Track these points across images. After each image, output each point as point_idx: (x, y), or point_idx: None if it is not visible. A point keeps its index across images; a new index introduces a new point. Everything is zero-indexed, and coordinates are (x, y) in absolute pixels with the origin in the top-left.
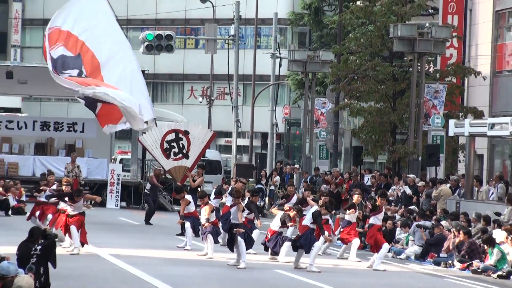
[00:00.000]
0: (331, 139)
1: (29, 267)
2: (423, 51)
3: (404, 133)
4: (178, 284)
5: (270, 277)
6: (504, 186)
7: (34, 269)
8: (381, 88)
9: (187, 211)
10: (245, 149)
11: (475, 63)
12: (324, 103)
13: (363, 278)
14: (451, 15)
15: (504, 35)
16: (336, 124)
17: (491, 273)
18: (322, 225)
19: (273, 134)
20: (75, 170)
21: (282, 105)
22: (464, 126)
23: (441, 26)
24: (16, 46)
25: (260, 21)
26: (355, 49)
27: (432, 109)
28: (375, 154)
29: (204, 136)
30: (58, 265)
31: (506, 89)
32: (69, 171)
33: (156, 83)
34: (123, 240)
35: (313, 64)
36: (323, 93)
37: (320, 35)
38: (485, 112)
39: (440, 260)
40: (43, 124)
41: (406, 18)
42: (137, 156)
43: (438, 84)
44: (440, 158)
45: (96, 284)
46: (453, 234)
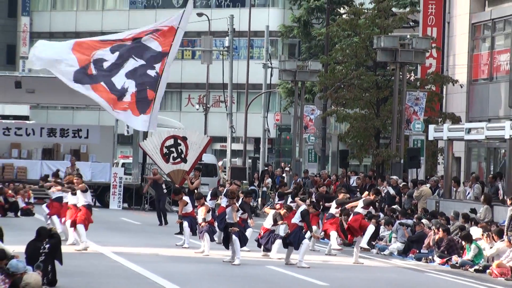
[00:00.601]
0: (319, 143)
1: (37, 265)
2: (405, 61)
3: (387, 137)
4: (177, 279)
5: (263, 272)
6: (480, 187)
7: (42, 266)
8: (366, 95)
9: (185, 212)
10: (239, 153)
11: (452, 72)
12: (312, 110)
13: (350, 273)
14: (431, 28)
15: (480, 46)
16: (323, 130)
17: (469, 268)
18: (310, 223)
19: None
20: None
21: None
22: (443, 131)
23: (421, 37)
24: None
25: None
26: (341, 59)
27: (413, 115)
28: (360, 157)
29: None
30: (64, 262)
31: (482, 96)
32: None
33: None
34: (125, 239)
35: (302, 74)
36: (311, 100)
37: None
38: (462, 118)
39: (421, 256)
40: (50, 130)
41: (388, 31)
42: (138, 160)
43: (418, 92)
44: (421, 161)
45: (100, 280)
46: (433, 232)
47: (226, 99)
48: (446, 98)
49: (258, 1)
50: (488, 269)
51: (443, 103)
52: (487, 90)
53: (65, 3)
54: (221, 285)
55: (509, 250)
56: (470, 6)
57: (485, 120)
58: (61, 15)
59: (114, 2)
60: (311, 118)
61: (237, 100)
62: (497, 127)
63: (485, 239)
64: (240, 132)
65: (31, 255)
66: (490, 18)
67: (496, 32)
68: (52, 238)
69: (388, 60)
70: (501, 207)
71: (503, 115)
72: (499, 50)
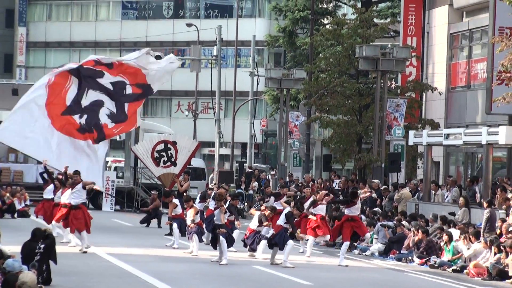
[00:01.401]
0: (304, 148)
1: (32, 264)
2: (386, 69)
3: (369, 142)
4: (167, 279)
5: (250, 272)
6: (458, 190)
7: (37, 266)
8: (348, 102)
9: (174, 213)
10: (227, 157)
11: (432, 80)
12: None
13: (334, 273)
14: (411, 37)
15: (458, 55)
16: (308, 135)
17: (447, 268)
18: (294, 224)
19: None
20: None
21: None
22: (422, 136)
23: (402, 47)
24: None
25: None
26: (325, 67)
27: (394, 121)
28: (343, 161)
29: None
30: (58, 262)
31: (460, 103)
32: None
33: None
34: (117, 239)
35: (287, 81)
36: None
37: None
38: (441, 124)
39: (401, 256)
40: None
41: (370, 40)
42: (130, 164)
43: (399, 99)
44: (401, 165)
45: (93, 279)
46: (413, 233)
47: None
48: (425, 105)
49: (245, 12)
50: (465, 269)
51: (423, 109)
52: (465, 97)
53: (60, 14)
54: (209, 284)
55: (485, 251)
56: (448, 17)
57: (463, 126)
58: (56, 26)
59: (107, 13)
60: (296, 124)
61: (225, 107)
62: (474, 133)
63: (462, 240)
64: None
65: (26, 255)
66: (468, 28)
67: (473, 42)
68: (47, 238)
69: (370, 68)
70: (478, 210)
71: (480, 121)
72: (476, 59)
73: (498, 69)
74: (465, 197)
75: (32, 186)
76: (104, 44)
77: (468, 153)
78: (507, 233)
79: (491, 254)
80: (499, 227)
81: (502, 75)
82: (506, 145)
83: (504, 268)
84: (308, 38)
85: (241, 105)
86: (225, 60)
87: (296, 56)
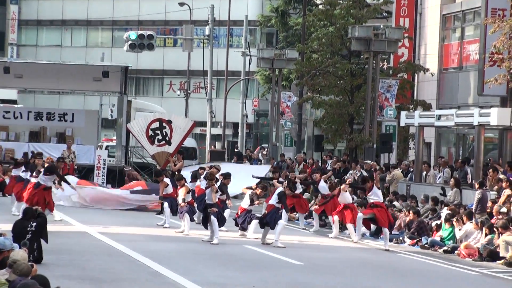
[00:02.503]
0: (295, 128)
1: (23, 242)
2: (378, 50)
3: (361, 123)
4: (158, 258)
5: (241, 252)
6: (449, 171)
7: (28, 244)
8: (340, 83)
9: (165, 193)
10: (218, 137)
11: (424, 61)
12: (289, 96)
13: (325, 253)
14: (403, 18)
15: (450, 36)
16: (300, 115)
17: (438, 249)
18: (286, 204)
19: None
20: (71, 156)
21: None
22: (414, 117)
23: (394, 28)
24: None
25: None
26: (317, 48)
27: (385, 101)
28: (335, 142)
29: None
30: (50, 241)
31: (451, 84)
32: (65, 156)
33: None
34: (108, 218)
35: (279, 61)
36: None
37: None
38: (433, 105)
39: (392, 237)
40: (37, 114)
41: (363, 21)
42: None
43: (391, 80)
44: (393, 146)
45: (84, 258)
46: (404, 214)
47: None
48: (417, 86)
49: None
50: (456, 250)
51: (415, 90)
52: (457, 79)
53: None
54: (200, 263)
55: (476, 232)
56: None
57: (454, 107)
58: (48, 4)
59: None
60: (288, 104)
61: (216, 87)
62: (466, 114)
63: (454, 221)
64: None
65: (17, 233)
66: (460, 10)
67: (466, 23)
68: (38, 217)
69: (362, 49)
70: (469, 191)
71: (472, 102)
72: (468, 40)
73: (490, 51)
74: (456, 178)
75: None
76: (96, 22)
77: (460, 134)
78: (497, 214)
79: (482, 235)
80: (489, 208)
81: (494, 57)
82: (497, 126)
83: (495, 249)
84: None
85: (233, 85)
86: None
87: (289, 36)
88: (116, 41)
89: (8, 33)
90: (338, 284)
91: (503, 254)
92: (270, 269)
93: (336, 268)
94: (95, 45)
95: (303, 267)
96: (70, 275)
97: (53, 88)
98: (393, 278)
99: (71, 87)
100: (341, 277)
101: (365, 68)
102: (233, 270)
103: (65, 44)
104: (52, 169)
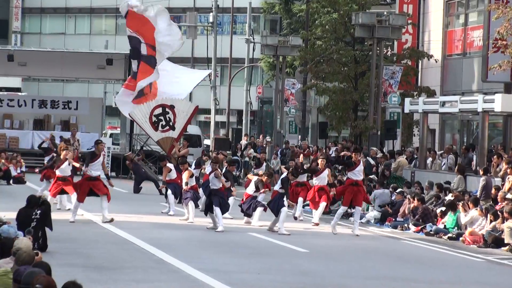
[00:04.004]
0: (300, 115)
1: (28, 230)
2: (382, 37)
3: (365, 110)
4: (162, 245)
5: (245, 239)
6: (454, 157)
7: (32, 232)
8: (344, 70)
9: (169, 178)
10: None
11: (427, 47)
12: (293, 83)
13: (330, 240)
14: (407, 5)
15: (454, 23)
16: (304, 102)
17: (442, 235)
18: (288, 190)
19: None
20: (75, 144)
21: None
22: (418, 104)
23: (398, 14)
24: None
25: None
26: (321, 35)
27: (389, 87)
28: (339, 129)
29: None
30: (54, 229)
31: (455, 71)
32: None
33: None
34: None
35: (283, 49)
36: (292, 74)
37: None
38: (437, 91)
39: (397, 224)
40: (41, 102)
41: (366, 7)
42: (126, 131)
43: (395, 66)
44: (397, 133)
45: (88, 246)
46: (409, 200)
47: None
48: (421, 72)
49: None
50: (461, 237)
51: (419, 77)
52: (461, 65)
53: None
54: (205, 250)
55: (481, 219)
56: None
57: (458, 94)
58: None
59: None
60: (292, 92)
61: (221, 74)
62: (470, 101)
63: (461, 208)
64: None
65: (22, 221)
66: None
67: (469, 9)
68: (42, 205)
69: (366, 35)
70: (474, 177)
71: (476, 89)
72: (472, 27)
73: (494, 37)
74: (460, 165)
75: (27, 153)
76: (100, 10)
77: (464, 121)
78: (502, 201)
79: (486, 222)
80: (493, 195)
81: (498, 43)
82: (502, 112)
83: (500, 235)
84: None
85: (237, 72)
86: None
87: (292, 23)
88: (120, 29)
89: (12, 21)
90: (342, 271)
91: (508, 240)
92: (275, 256)
93: (341, 256)
94: (99, 33)
95: (308, 254)
96: (75, 263)
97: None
98: (397, 265)
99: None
100: (345, 264)
101: (369, 55)
102: (237, 257)
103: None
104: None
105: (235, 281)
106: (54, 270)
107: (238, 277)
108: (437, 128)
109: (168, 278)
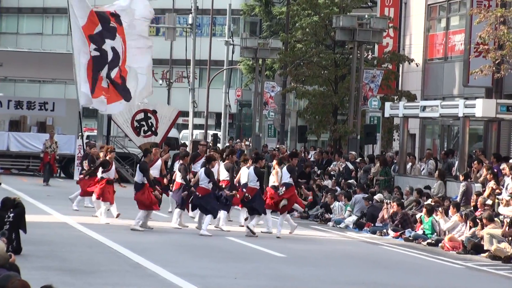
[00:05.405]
0: (279, 119)
1: (1, 232)
2: (362, 40)
3: (345, 114)
4: (138, 249)
5: (222, 243)
6: (434, 163)
7: (6, 234)
8: (324, 73)
9: None
10: (201, 127)
11: (409, 51)
12: (272, 86)
13: (308, 245)
14: (388, 8)
15: (435, 26)
16: (283, 106)
17: (422, 241)
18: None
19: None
20: (53, 146)
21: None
22: (398, 108)
23: (379, 17)
24: None
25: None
26: (301, 37)
27: (369, 91)
28: (318, 133)
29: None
30: (29, 231)
31: (436, 75)
32: (48, 146)
33: None
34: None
35: (263, 51)
36: (272, 77)
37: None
38: (418, 96)
39: (376, 229)
40: (17, 103)
41: (347, 10)
42: (102, 132)
43: (375, 70)
44: (377, 137)
45: (64, 249)
46: (388, 205)
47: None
48: (402, 76)
49: None
50: (440, 243)
51: (399, 81)
52: (442, 69)
53: None
54: (181, 254)
55: (460, 225)
56: None
57: (439, 98)
58: None
59: None
60: (271, 95)
61: (199, 76)
62: (451, 105)
63: (439, 214)
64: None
65: None
66: (446, 0)
67: (451, 13)
68: (16, 207)
69: (347, 39)
70: (454, 183)
71: (457, 93)
72: (454, 31)
73: (476, 41)
74: (440, 170)
75: (3, 154)
76: None
77: (445, 126)
78: (482, 207)
79: (466, 228)
80: (474, 201)
81: (480, 47)
82: (482, 118)
83: (479, 241)
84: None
85: (216, 74)
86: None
87: (272, 26)
88: None
89: None
90: (320, 276)
91: (487, 247)
92: (252, 261)
93: (319, 260)
94: None
95: (285, 259)
96: (50, 266)
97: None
98: (376, 270)
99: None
100: (323, 269)
101: (350, 58)
102: (214, 261)
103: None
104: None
105: (212, 285)
106: (29, 273)
107: (214, 281)
108: (418, 132)
109: (144, 282)
